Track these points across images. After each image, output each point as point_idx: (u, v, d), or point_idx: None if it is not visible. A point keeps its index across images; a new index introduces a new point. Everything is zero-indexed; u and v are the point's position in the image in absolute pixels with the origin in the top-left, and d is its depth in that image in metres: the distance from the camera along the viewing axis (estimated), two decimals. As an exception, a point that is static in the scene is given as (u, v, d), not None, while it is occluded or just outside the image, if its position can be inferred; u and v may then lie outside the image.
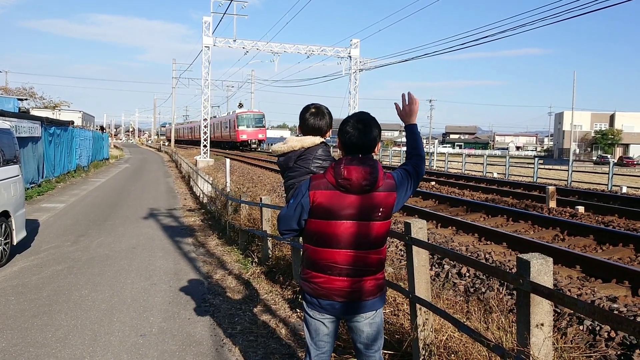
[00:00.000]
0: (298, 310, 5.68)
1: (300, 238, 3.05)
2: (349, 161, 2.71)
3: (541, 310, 2.72)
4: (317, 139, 3.16)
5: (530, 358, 2.69)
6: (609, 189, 19.43)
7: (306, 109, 3.21)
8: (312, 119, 3.17)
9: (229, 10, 34.25)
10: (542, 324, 2.72)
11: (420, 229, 3.82)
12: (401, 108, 3.05)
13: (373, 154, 2.82)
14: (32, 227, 10.62)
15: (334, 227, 2.71)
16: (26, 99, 36.00)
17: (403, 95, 3.06)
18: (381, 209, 2.72)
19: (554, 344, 3.32)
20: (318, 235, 2.77)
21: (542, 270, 2.71)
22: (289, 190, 3.13)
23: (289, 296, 6.17)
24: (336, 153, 5.94)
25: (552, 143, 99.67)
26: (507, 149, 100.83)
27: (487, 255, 7.67)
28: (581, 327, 4.80)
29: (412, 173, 2.88)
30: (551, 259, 2.80)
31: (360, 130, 2.75)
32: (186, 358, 4.54)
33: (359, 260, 2.74)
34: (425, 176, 24.73)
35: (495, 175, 27.02)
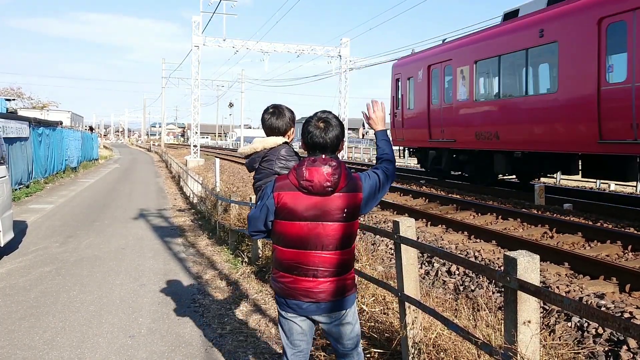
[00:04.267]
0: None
1: None
2: (310, 162, 2.69)
3: (528, 308, 2.74)
4: (279, 139, 3.19)
5: (518, 355, 2.70)
6: (597, 187, 19.58)
7: (265, 109, 3.24)
8: (270, 118, 3.19)
9: (219, 9, 34.18)
10: (529, 321, 2.73)
11: (408, 227, 3.82)
12: (368, 116, 3.04)
13: (337, 153, 2.81)
14: (20, 228, 10.52)
15: (298, 228, 2.71)
16: (14, 99, 35.63)
17: (368, 105, 3.05)
18: (345, 210, 2.70)
19: (542, 341, 3.34)
20: (283, 235, 2.77)
21: (529, 267, 2.72)
22: (257, 192, 3.15)
23: (279, 296, 6.16)
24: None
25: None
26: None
27: (476, 253, 7.70)
28: (569, 324, 4.83)
29: (381, 176, 2.86)
30: (538, 256, 2.81)
31: (322, 130, 2.74)
32: (175, 359, 4.52)
33: (324, 261, 2.73)
34: (415, 175, 24.76)
35: (485, 173, 27.07)
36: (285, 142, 3.22)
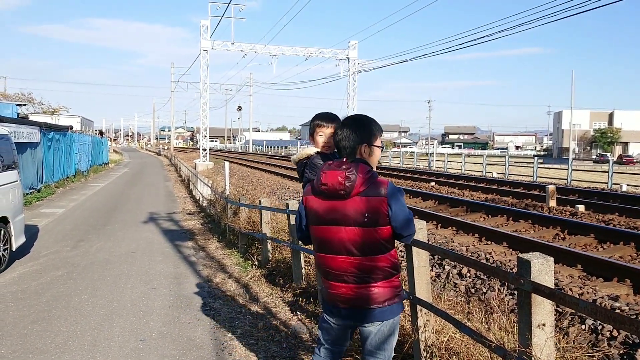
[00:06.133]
0: (299, 313, 5.66)
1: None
2: (327, 166, 2.71)
3: (542, 311, 2.70)
4: (312, 150, 3.40)
5: (532, 359, 2.66)
6: (609, 188, 19.42)
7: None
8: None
9: (227, 14, 34.33)
10: (543, 324, 2.69)
11: (419, 229, 3.79)
12: None
13: (368, 158, 2.75)
14: (32, 232, 10.60)
15: (323, 232, 2.74)
16: (25, 105, 35.98)
17: None
18: (366, 215, 2.63)
19: (556, 344, 3.30)
20: (315, 240, 2.82)
21: (543, 269, 2.69)
22: None
23: (289, 299, 6.15)
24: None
25: (551, 142, 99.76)
26: (506, 148, 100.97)
27: (487, 256, 7.64)
28: (583, 327, 4.78)
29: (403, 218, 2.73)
30: (552, 258, 2.77)
31: (338, 132, 2.78)
32: (186, 362, 4.52)
33: (352, 266, 2.71)
34: (424, 177, 24.70)
35: (494, 175, 27.02)
36: (318, 152, 3.39)
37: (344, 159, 2.71)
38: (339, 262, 2.73)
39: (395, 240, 2.84)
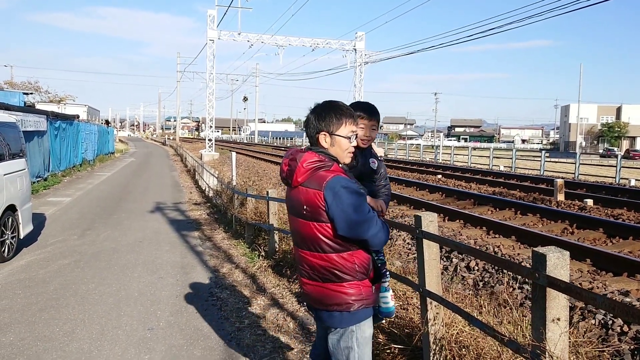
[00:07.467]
0: (305, 304, 5.64)
1: None
2: (287, 152, 2.66)
3: (557, 305, 2.66)
4: None
5: (546, 353, 2.63)
6: (617, 182, 19.30)
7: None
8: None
9: (234, 3, 34.16)
10: (558, 319, 2.66)
11: (431, 222, 3.76)
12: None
13: (327, 147, 2.56)
14: (39, 220, 10.62)
15: (290, 220, 2.72)
16: (31, 93, 36.06)
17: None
18: (305, 207, 2.49)
19: (569, 339, 3.26)
20: None
21: (558, 264, 2.65)
22: None
23: (297, 290, 6.13)
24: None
25: (558, 136, 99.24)
26: (512, 142, 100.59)
27: (495, 249, 7.61)
28: (593, 321, 4.75)
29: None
30: (568, 252, 2.73)
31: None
32: (194, 352, 4.51)
33: (303, 260, 2.63)
34: (431, 169, 24.62)
35: (501, 168, 26.93)
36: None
37: (302, 147, 2.63)
38: (297, 253, 2.68)
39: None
